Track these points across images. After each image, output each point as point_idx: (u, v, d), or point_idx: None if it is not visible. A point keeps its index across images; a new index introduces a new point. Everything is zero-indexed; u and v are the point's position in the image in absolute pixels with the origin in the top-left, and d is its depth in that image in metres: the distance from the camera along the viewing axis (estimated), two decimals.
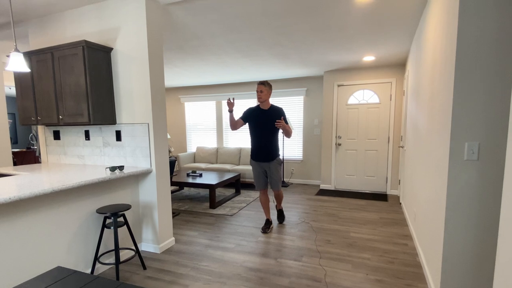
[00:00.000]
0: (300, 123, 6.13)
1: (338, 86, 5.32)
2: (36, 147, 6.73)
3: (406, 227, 3.42)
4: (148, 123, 2.64)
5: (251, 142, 3.32)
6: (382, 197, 4.88)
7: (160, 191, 2.77)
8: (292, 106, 6.15)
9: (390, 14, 2.74)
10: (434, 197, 2.02)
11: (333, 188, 5.54)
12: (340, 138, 5.42)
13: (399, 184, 4.75)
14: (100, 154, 2.92)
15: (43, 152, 3.27)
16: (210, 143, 7.03)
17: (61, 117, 2.69)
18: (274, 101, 6.17)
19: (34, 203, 1.95)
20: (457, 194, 1.67)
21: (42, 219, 2.00)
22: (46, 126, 3.14)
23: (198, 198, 4.90)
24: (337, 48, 3.84)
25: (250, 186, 5.88)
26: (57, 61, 2.62)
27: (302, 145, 6.17)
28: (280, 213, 3.67)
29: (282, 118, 3.15)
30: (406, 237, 3.13)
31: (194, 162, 6.70)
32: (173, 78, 5.96)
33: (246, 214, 4.02)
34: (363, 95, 5.18)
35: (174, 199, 4.82)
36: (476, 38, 1.55)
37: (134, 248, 2.75)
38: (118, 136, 2.79)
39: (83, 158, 3.02)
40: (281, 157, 6.11)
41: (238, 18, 2.84)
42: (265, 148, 3.25)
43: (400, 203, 4.46)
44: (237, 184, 5.20)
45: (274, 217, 3.86)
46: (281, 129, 3.13)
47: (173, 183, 4.53)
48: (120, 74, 2.71)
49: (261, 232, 3.34)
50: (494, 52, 1.52)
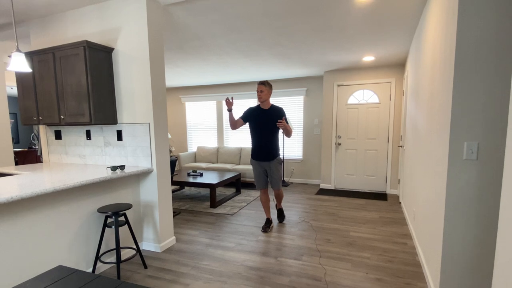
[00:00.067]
0: (300, 123, 6.14)
1: (338, 86, 5.33)
2: (37, 147, 6.74)
3: (406, 226, 3.43)
4: (149, 123, 2.66)
5: (252, 141, 3.33)
6: (381, 196, 4.89)
7: (161, 191, 2.78)
8: (292, 106, 6.16)
9: (390, 14, 2.75)
10: (434, 196, 2.03)
11: (333, 187, 5.55)
12: (340, 137, 5.43)
13: (399, 183, 4.76)
14: (101, 154, 2.93)
15: (45, 151, 3.28)
16: (211, 143, 7.04)
17: (62, 117, 2.71)
18: (274, 101, 6.17)
19: (36, 203, 1.96)
20: (456, 193, 1.68)
21: (44, 219, 2.02)
22: (48, 126, 3.15)
23: (198, 197, 4.91)
24: (337, 48, 3.85)
25: (251, 185, 5.89)
26: (58, 61, 2.63)
27: (302, 144, 6.18)
28: (280, 212, 3.68)
29: (283, 119, 3.17)
30: (405, 236, 3.15)
31: (195, 161, 6.71)
32: (173, 78, 5.97)
33: (247, 213, 4.03)
34: (363, 95, 5.19)
35: (175, 199, 4.83)
36: (475, 38, 1.56)
37: (135, 247, 2.76)
38: (119, 135, 2.81)
39: (84, 158, 3.03)
40: (281, 156, 6.11)
41: (239, 18, 2.85)
42: (265, 147, 3.26)
43: (399, 203, 4.47)
44: (237, 183, 5.22)
45: (274, 216, 3.87)
46: (282, 128, 3.15)
47: (174, 183, 4.54)
48: (121, 74, 2.72)
49: (261, 231, 3.35)
50: (494, 52, 1.53)
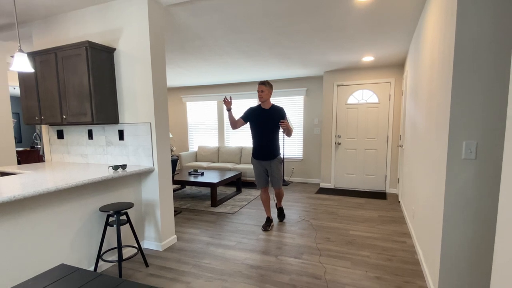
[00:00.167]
0: (300, 123, 6.16)
1: (338, 86, 5.35)
2: (40, 146, 6.77)
3: (405, 225, 3.45)
4: (150, 123, 2.68)
5: (253, 141, 3.36)
6: (381, 195, 4.91)
7: (162, 190, 2.80)
8: (292, 105, 6.18)
9: (390, 14, 2.77)
10: (433, 195, 2.04)
11: (332, 186, 5.57)
12: (339, 137, 5.44)
13: (398, 182, 4.78)
14: (103, 153, 2.95)
15: (47, 151, 3.30)
16: (212, 142, 7.06)
17: (64, 116, 2.73)
18: (274, 100, 6.19)
19: (38, 202, 1.98)
20: (455, 192, 1.70)
21: (46, 217, 2.04)
22: (50, 125, 3.17)
23: (199, 196, 4.93)
24: (337, 48, 3.87)
25: (251, 184, 5.92)
26: (60, 61, 2.65)
27: (302, 144, 6.20)
28: (280, 211, 3.70)
29: (285, 119, 3.19)
30: (404, 235, 3.16)
31: (196, 161, 6.73)
32: (175, 78, 5.99)
33: (247, 212, 4.05)
34: (363, 95, 5.21)
35: (176, 198, 4.85)
36: (474, 38, 1.57)
37: (136, 245, 2.79)
38: (121, 135, 2.83)
39: (86, 157, 3.05)
40: (281, 155, 6.13)
41: (239, 18, 2.87)
42: (266, 147, 3.28)
43: (399, 201, 4.48)
44: (238, 182, 5.24)
45: (274, 215, 3.89)
46: (283, 128, 3.17)
47: (175, 182, 4.57)
48: (122, 74, 2.74)
49: (261, 230, 3.37)
50: (492, 52, 1.54)
